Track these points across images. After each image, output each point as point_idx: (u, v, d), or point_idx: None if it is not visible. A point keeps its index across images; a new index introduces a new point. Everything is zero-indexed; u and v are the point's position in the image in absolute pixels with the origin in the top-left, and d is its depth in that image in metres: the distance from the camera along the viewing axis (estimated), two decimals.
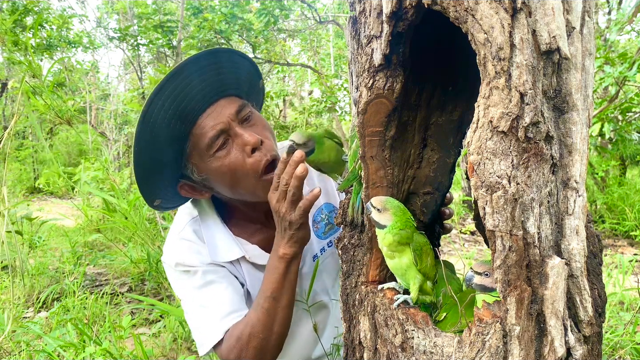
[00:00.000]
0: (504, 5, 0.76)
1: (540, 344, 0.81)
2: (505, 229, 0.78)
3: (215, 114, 1.28)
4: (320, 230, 1.56)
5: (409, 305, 0.97)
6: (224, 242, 1.43)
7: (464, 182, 7.00)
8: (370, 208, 0.97)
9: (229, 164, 1.29)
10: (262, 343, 1.25)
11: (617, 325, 2.60)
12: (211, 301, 1.35)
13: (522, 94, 0.77)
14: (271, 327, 1.26)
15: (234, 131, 1.29)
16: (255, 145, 1.28)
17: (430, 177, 1.17)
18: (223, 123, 1.28)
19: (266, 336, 1.25)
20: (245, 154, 1.29)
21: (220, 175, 1.31)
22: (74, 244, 4.69)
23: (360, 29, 1.01)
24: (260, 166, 1.29)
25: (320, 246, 1.56)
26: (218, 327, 1.31)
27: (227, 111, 1.29)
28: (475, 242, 5.62)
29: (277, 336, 1.28)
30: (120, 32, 7.98)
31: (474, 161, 0.80)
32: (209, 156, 1.29)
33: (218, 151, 1.29)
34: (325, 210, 1.58)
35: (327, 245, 1.57)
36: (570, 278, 0.83)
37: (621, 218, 5.79)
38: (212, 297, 1.36)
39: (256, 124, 1.36)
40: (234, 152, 1.29)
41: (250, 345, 1.26)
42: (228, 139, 1.30)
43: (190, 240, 1.43)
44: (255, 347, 1.25)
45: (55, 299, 3.74)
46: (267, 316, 1.26)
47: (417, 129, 1.14)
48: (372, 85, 0.96)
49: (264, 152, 1.30)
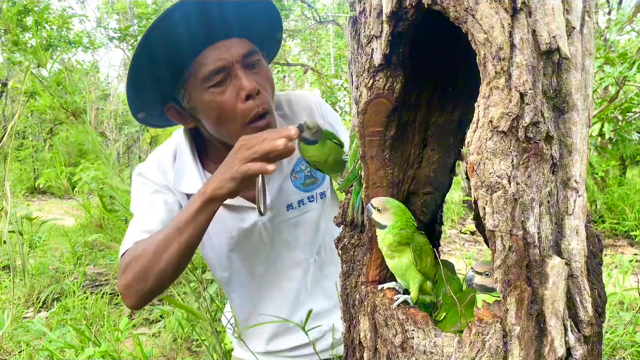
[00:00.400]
0: (504, 5, 0.76)
1: (540, 344, 0.81)
2: (505, 229, 0.78)
3: (224, 49, 1.26)
4: (298, 180, 1.54)
5: (409, 305, 0.97)
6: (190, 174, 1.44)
7: (464, 182, 7.01)
8: (371, 209, 0.97)
9: (219, 102, 1.28)
10: (145, 266, 1.22)
11: (617, 325, 2.60)
12: (143, 214, 1.39)
13: (522, 94, 0.77)
14: (161, 255, 1.23)
15: (236, 72, 1.28)
16: (251, 92, 1.27)
17: (430, 177, 1.17)
18: (227, 60, 1.26)
19: (152, 260, 1.22)
20: (239, 98, 1.28)
21: (208, 110, 1.30)
22: (74, 244, 4.69)
23: (360, 29, 1.01)
24: (249, 115, 1.29)
25: (299, 197, 1.54)
26: (132, 238, 1.34)
27: (236, 51, 1.28)
28: (475, 242, 5.62)
29: (163, 267, 1.23)
30: (120, 32, 7.98)
31: (474, 161, 0.80)
32: (203, 88, 1.28)
33: (214, 86, 1.27)
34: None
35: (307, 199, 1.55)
36: (570, 278, 0.83)
37: (621, 218, 5.80)
38: (146, 211, 1.39)
39: (260, 73, 1.35)
40: (229, 92, 1.28)
41: (137, 263, 1.24)
42: (228, 77, 1.28)
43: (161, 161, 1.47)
44: (139, 267, 1.23)
45: (55, 299, 3.74)
46: (163, 243, 1.23)
47: (417, 129, 1.14)
48: (372, 85, 0.96)
49: (257, 102, 1.29)
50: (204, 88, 1.28)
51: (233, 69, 1.28)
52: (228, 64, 1.27)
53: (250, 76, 1.29)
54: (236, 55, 1.27)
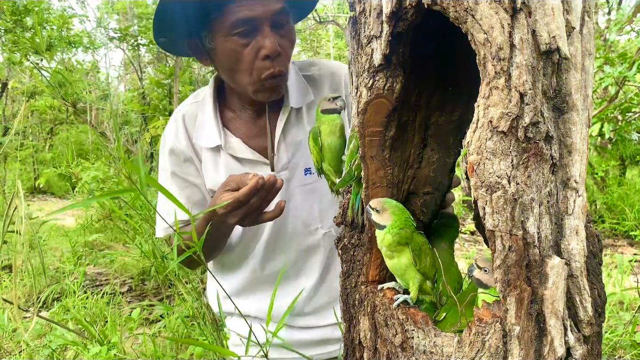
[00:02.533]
0: (504, 5, 0.76)
1: (540, 343, 0.81)
2: (505, 229, 0.78)
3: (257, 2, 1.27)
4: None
5: (408, 305, 0.97)
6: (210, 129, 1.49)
7: (464, 182, 7.00)
8: (370, 210, 0.97)
9: (239, 53, 1.30)
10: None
11: (617, 325, 2.60)
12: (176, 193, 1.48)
13: (522, 94, 0.77)
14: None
15: (262, 29, 1.29)
16: (272, 53, 1.29)
17: (430, 177, 1.17)
18: (257, 13, 1.27)
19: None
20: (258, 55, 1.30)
21: (226, 56, 1.33)
22: (74, 243, 4.69)
23: (360, 29, 1.01)
24: (263, 74, 1.32)
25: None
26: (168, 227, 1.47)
27: (269, 7, 1.28)
28: (475, 242, 5.63)
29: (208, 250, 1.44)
30: (120, 32, 7.98)
31: (474, 161, 0.80)
32: (227, 34, 1.29)
33: (237, 36, 1.29)
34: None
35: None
36: (570, 278, 0.83)
37: (621, 218, 5.80)
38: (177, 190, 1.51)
39: (285, 36, 1.36)
40: (251, 46, 1.30)
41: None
42: (253, 31, 1.29)
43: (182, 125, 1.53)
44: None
45: (55, 299, 3.74)
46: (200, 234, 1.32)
47: (417, 129, 1.14)
48: (372, 85, 0.96)
49: (275, 63, 1.31)
50: (228, 34, 1.29)
51: (261, 24, 1.28)
52: (257, 17, 1.27)
53: (275, 36, 1.30)
54: (268, 11, 1.28)
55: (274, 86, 1.37)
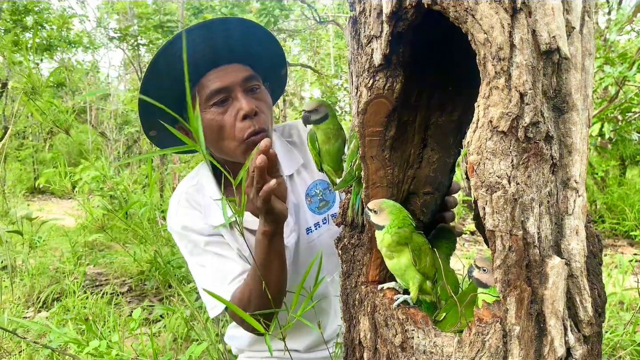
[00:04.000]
0: (504, 5, 0.76)
1: (540, 343, 0.81)
2: (505, 229, 0.78)
3: (226, 72, 1.39)
4: (313, 204, 1.62)
5: (409, 305, 0.97)
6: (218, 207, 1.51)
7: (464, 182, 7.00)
8: (369, 212, 0.97)
9: (219, 121, 1.38)
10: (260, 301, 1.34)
11: (617, 325, 2.60)
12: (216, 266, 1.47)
13: (522, 94, 0.77)
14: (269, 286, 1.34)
15: (236, 94, 1.38)
16: (249, 113, 1.36)
17: (430, 177, 1.17)
18: (229, 82, 1.37)
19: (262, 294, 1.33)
20: (237, 117, 1.37)
21: (209, 128, 1.40)
22: (74, 244, 4.69)
23: (360, 29, 1.01)
24: (244, 133, 1.38)
25: (315, 221, 1.62)
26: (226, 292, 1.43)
27: (237, 75, 1.39)
28: (475, 242, 5.63)
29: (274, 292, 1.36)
30: (120, 32, 7.97)
31: (474, 161, 0.80)
32: (206, 107, 1.38)
33: (215, 106, 1.38)
34: (320, 187, 1.63)
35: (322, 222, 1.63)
36: (570, 278, 0.83)
37: (621, 218, 5.79)
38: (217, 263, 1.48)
39: (260, 99, 1.44)
40: (228, 113, 1.38)
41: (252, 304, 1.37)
42: (229, 99, 1.39)
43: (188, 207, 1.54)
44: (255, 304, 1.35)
45: (55, 299, 3.74)
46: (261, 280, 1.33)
47: (417, 129, 1.14)
48: (372, 85, 0.96)
49: (254, 121, 1.38)
50: (206, 106, 1.38)
51: (234, 90, 1.38)
52: (229, 86, 1.37)
53: (250, 99, 1.39)
54: (238, 79, 1.38)
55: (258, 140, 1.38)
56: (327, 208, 1.64)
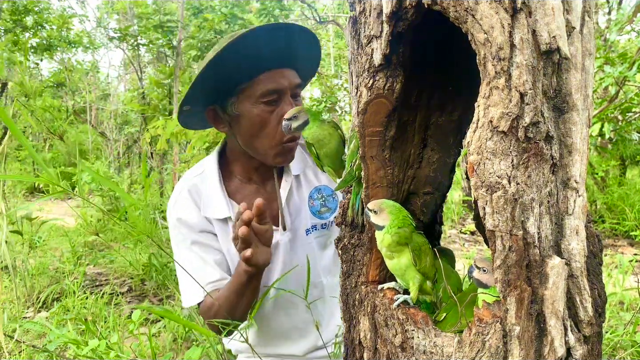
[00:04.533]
0: (504, 5, 0.76)
1: (540, 344, 0.81)
2: (505, 229, 0.78)
3: (283, 75, 1.47)
4: (315, 207, 1.67)
5: (409, 305, 0.97)
6: (217, 201, 1.57)
7: (464, 182, 7.00)
8: (368, 212, 0.97)
9: (265, 118, 1.46)
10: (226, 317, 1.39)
11: (617, 325, 2.60)
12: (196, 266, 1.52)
13: (522, 94, 0.77)
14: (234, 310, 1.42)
15: (286, 98, 1.48)
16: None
17: (430, 177, 1.17)
18: (284, 85, 1.46)
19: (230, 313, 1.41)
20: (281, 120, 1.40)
21: (251, 121, 1.47)
22: (74, 244, 4.69)
23: (360, 29, 1.01)
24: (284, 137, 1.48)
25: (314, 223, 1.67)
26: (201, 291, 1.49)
27: (291, 80, 1.48)
28: (475, 242, 5.63)
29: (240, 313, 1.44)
30: (120, 32, 7.97)
31: (474, 161, 0.80)
32: (256, 102, 1.45)
33: (265, 104, 1.46)
34: (324, 192, 1.67)
35: (321, 226, 1.67)
36: (570, 278, 0.83)
37: (621, 218, 5.79)
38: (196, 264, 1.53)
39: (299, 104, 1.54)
40: (275, 113, 1.46)
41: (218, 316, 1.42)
42: (279, 100, 1.47)
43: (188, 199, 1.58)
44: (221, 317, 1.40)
45: (55, 299, 3.74)
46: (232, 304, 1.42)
47: (417, 129, 1.14)
48: (372, 85, 0.96)
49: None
50: (257, 102, 1.45)
51: (285, 94, 1.47)
52: (284, 89, 1.46)
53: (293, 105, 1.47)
54: (292, 84, 1.49)
55: (289, 149, 1.53)
56: (329, 214, 1.68)
